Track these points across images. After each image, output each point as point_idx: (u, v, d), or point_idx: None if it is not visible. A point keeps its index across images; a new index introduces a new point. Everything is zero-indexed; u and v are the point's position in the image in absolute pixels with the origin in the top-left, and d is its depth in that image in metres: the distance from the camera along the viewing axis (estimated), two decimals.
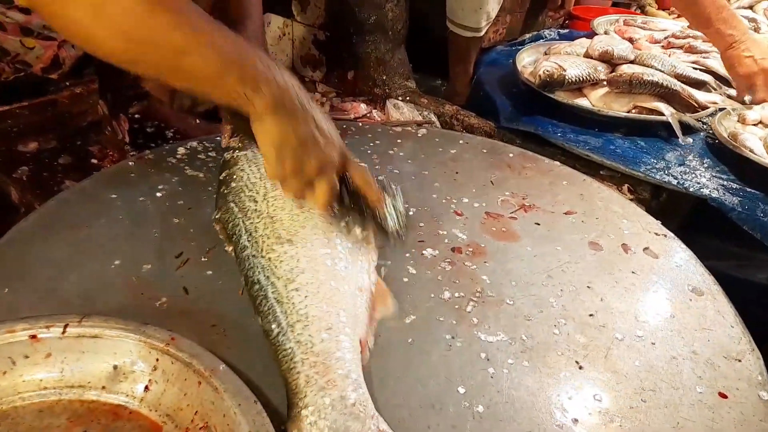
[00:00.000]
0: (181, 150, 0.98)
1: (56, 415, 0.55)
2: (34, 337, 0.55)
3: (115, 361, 0.56)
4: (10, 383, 0.55)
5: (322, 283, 0.64)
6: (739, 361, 0.66)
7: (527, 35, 1.99)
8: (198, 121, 1.26)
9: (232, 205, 0.74)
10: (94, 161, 1.05)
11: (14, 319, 0.56)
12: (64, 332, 0.56)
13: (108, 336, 0.57)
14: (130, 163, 0.95)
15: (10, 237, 0.76)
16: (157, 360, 0.56)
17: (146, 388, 0.56)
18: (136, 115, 1.20)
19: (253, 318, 0.64)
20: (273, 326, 0.60)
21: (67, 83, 1.05)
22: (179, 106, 1.22)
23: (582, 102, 1.34)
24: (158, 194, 0.86)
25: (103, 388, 0.57)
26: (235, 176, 0.77)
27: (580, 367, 0.63)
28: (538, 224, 0.89)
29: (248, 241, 0.68)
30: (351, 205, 0.72)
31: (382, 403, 0.57)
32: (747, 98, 1.35)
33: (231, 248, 0.71)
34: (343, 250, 0.69)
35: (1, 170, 0.94)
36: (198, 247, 0.76)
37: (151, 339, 0.56)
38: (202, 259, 0.75)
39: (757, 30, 1.76)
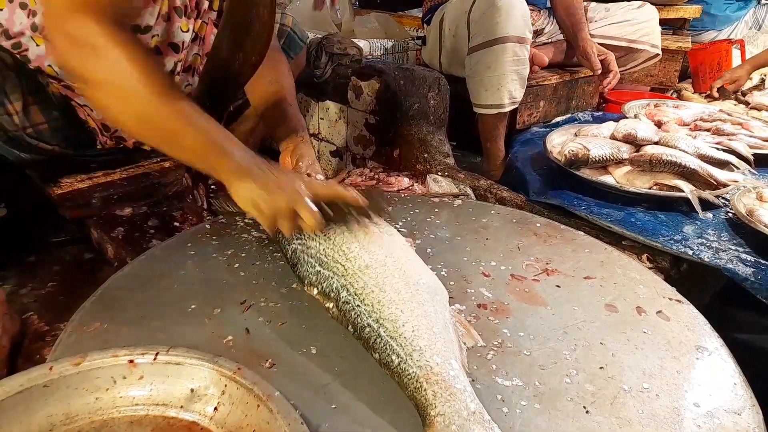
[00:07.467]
0: (248, 216, 1.12)
1: (143, 427, 0.65)
2: (131, 361, 0.67)
3: (193, 385, 0.67)
4: (110, 398, 0.66)
5: (419, 319, 0.75)
6: (739, 414, 0.71)
7: (561, 118, 2.12)
8: None
9: (321, 270, 0.85)
10: (177, 224, 1.19)
11: (117, 346, 0.68)
12: (155, 359, 0.67)
13: (188, 364, 0.67)
14: (207, 226, 1.11)
15: (108, 284, 0.91)
16: (226, 386, 0.66)
17: (215, 408, 0.65)
18: (212, 186, 1.35)
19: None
20: (393, 357, 0.71)
21: (158, 159, 1.23)
22: None
23: (606, 179, 1.42)
24: (228, 251, 1.00)
25: (182, 407, 0.66)
26: (304, 253, 0.89)
27: (587, 412, 0.70)
28: (559, 287, 0.97)
29: (349, 295, 0.79)
30: (333, 214, 0.88)
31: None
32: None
33: (332, 304, 0.81)
34: (424, 290, 0.80)
35: (102, 230, 1.12)
36: (259, 296, 0.89)
37: (222, 368, 0.66)
38: (261, 305, 0.87)
39: None
